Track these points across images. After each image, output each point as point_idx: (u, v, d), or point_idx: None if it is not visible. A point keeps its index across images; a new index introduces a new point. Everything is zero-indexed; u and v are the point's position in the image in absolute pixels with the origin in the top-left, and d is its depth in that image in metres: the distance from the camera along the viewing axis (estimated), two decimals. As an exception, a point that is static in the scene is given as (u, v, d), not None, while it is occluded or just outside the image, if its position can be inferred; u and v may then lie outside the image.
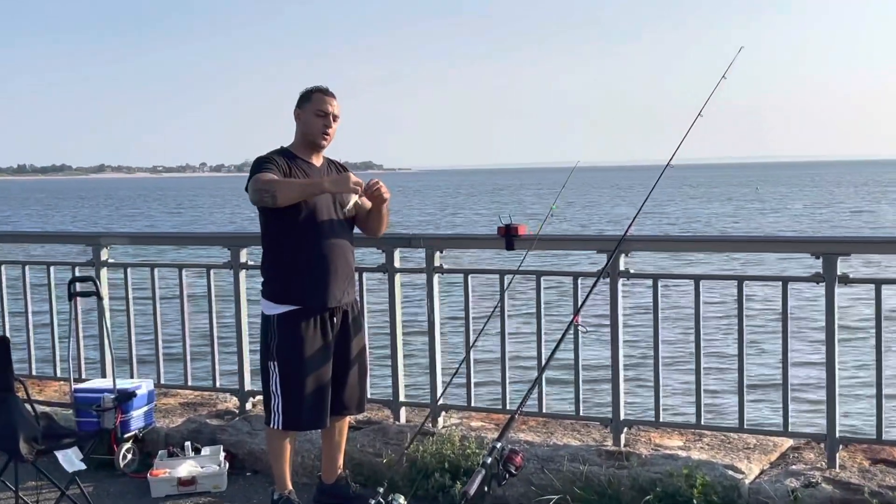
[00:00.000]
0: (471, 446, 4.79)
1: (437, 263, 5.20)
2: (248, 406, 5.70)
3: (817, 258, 4.47)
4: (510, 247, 4.90)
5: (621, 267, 4.79)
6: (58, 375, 6.26)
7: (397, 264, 5.28)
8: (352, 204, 4.34)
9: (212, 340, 5.83)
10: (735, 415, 4.81)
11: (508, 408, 5.08)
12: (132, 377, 5.82)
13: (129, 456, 5.27)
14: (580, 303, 4.62)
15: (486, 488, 3.87)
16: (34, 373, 6.32)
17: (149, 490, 4.96)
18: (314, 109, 4.36)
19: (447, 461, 4.73)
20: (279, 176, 4.21)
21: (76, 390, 5.36)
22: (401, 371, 5.36)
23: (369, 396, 4.90)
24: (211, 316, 5.81)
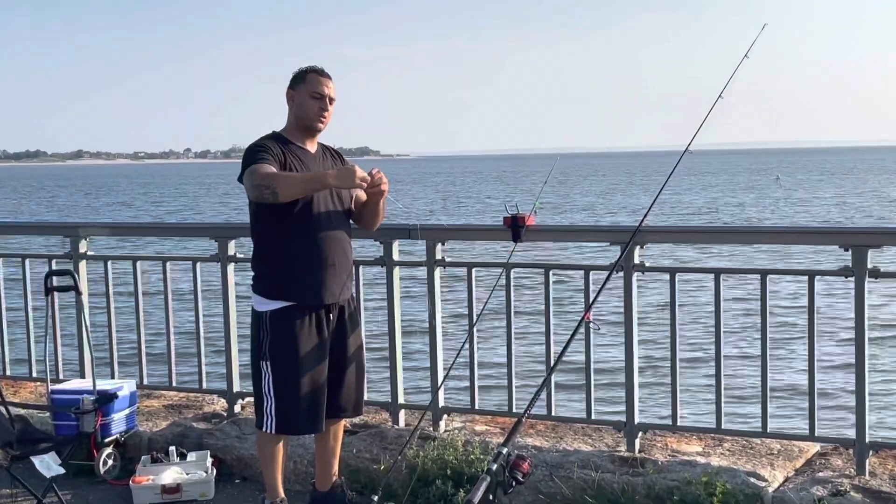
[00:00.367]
0: (475, 452, 4.80)
1: (439, 256, 5.20)
2: (237, 408, 5.72)
3: (846, 250, 4.47)
4: (517, 238, 4.88)
5: (636, 260, 4.79)
6: (34, 376, 6.28)
7: (396, 257, 5.29)
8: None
9: (198, 338, 5.84)
10: (758, 418, 4.80)
11: (515, 411, 5.10)
12: (113, 378, 5.84)
13: (110, 462, 5.29)
14: (592, 298, 4.63)
15: (492, 497, 3.86)
16: (8, 373, 6.36)
17: (131, 498, 4.97)
18: (309, 91, 4.33)
19: (449, 467, 4.75)
20: (276, 166, 4.18)
21: (53, 391, 5.38)
22: (400, 371, 5.37)
23: (366, 398, 4.91)
24: (197, 312, 5.83)
